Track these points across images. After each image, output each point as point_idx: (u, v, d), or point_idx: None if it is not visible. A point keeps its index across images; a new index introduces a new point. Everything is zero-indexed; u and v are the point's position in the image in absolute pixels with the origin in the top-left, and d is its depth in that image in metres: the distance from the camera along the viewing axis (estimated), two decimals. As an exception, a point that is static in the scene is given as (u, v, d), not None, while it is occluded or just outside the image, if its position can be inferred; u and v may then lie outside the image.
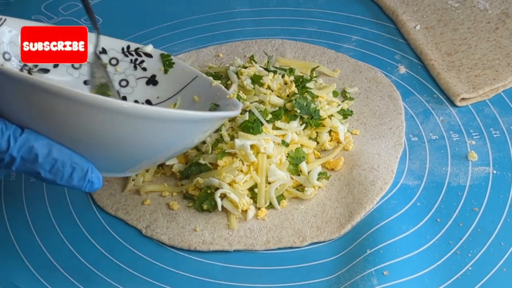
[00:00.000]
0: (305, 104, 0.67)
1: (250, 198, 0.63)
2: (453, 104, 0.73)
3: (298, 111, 0.66)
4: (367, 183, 0.64)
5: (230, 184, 0.63)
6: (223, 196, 0.62)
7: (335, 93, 0.73)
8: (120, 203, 0.65)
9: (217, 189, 0.62)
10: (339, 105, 0.70)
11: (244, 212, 0.63)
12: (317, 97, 0.69)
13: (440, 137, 0.69)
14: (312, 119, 0.67)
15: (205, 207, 0.63)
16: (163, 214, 0.64)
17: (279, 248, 0.60)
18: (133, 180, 0.66)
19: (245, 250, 0.60)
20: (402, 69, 0.78)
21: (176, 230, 0.62)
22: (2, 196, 0.67)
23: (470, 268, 0.56)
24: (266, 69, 0.72)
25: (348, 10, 0.89)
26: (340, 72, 0.78)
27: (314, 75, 0.75)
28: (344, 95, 0.74)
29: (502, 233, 0.59)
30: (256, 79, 0.69)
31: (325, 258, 0.59)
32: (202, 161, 0.64)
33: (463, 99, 0.73)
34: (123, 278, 0.58)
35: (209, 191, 0.63)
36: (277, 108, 0.67)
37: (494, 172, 0.65)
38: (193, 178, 0.64)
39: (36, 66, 0.63)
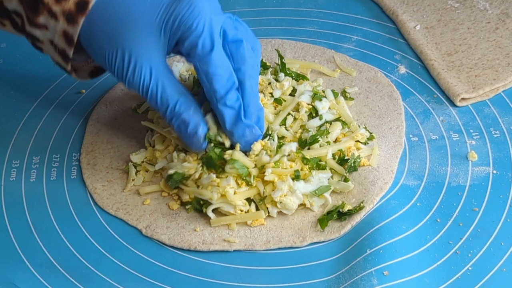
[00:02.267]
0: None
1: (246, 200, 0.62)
2: (453, 104, 0.73)
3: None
4: (367, 183, 0.64)
5: (222, 195, 0.61)
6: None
7: (335, 93, 0.72)
8: (120, 203, 0.65)
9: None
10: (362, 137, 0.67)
11: (244, 212, 0.63)
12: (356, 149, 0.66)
13: (440, 137, 0.69)
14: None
15: (203, 210, 0.62)
16: (163, 214, 0.64)
17: (279, 248, 0.60)
18: (133, 180, 0.66)
19: (245, 250, 0.60)
20: (402, 69, 0.78)
21: (176, 230, 0.62)
22: (2, 196, 0.66)
23: (470, 268, 0.56)
24: (276, 80, 0.72)
25: (348, 10, 0.89)
26: (340, 72, 0.78)
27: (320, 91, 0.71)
28: (344, 95, 0.74)
29: (502, 233, 0.59)
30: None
31: (325, 258, 0.59)
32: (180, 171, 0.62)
33: (463, 99, 0.73)
34: (123, 278, 0.58)
35: (202, 202, 0.62)
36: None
37: (494, 172, 0.65)
38: (182, 187, 0.63)
39: None
